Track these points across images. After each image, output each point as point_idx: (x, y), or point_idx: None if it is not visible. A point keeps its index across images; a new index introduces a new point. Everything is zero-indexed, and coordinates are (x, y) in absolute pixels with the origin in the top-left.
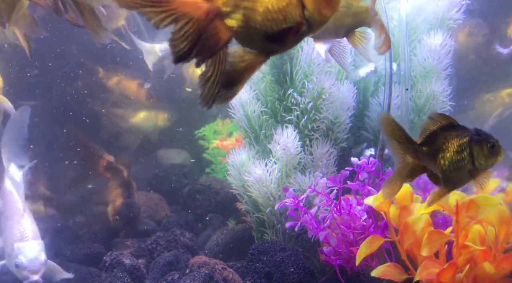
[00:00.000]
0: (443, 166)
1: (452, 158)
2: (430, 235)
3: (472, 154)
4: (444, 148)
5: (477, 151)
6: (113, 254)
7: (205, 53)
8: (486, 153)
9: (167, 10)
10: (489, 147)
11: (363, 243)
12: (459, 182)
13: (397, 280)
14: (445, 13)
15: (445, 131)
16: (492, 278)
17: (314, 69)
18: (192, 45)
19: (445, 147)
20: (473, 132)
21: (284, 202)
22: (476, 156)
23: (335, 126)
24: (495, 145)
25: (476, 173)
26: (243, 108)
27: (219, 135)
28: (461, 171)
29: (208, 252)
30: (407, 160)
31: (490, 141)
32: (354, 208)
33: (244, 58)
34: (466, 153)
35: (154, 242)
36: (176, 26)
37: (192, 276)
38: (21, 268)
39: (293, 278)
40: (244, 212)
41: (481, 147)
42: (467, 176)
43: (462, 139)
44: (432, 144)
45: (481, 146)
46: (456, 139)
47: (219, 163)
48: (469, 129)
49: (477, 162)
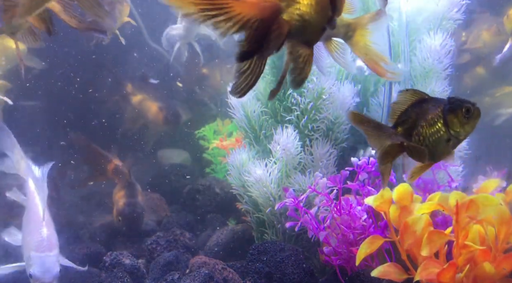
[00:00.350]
0: (420, 142)
1: (427, 132)
2: (430, 235)
3: (447, 123)
4: (417, 124)
5: (451, 119)
6: (113, 254)
7: (271, 50)
8: (462, 119)
9: (233, 17)
10: (464, 112)
11: (363, 243)
12: (440, 154)
13: (397, 280)
14: (445, 13)
15: (417, 107)
16: (492, 278)
17: (314, 69)
18: (259, 44)
19: (418, 123)
20: (446, 101)
21: (284, 202)
22: (451, 125)
23: (335, 126)
24: (470, 109)
25: (457, 141)
26: (243, 108)
27: (219, 135)
28: (439, 143)
29: (208, 252)
30: (385, 145)
31: (465, 106)
32: (354, 208)
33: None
34: (440, 124)
35: (154, 242)
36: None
37: (192, 276)
38: (34, 279)
39: (293, 278)
40: (244, 212)
41: (455, 114)
42: (447, 147)
43: (434, 111)
44: (405, 123)
45: (455, 113)
46: (428, 113)
47: (219, 163)
48: (443, 99)
49: (453, 130)
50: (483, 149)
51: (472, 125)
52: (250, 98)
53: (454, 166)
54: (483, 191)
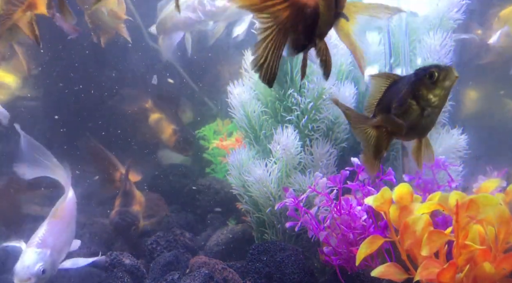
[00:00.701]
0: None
1: (399, 111)
2: (430, 235)
3: (415, 95)
4: (392, 107)
5: (417, 89)
6: (113, 254)
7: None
8: (428, 85)
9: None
10: (427, 78)
11: (363, 243)
12: (424, 129)
13: (397, 280)
14: (445, 13)
15: (389, 91)
16: (492, 278)
17: (314, 69)
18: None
19: (391, 105)
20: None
21: (284, 202)
22: (420, 95)
23: (335, 126)
24: (433, 73)
25: (433, 109)
26: (243, 108)
27: (219, 135)
28: (415, 117)
29: (208, 252)
30: (370, 134)
31: (428, 72)
32: (354, 208)
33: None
34: (410, 99)
35: (154, 242)
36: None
37: (192, 276)
38: (13, 274)
39: (293, 278)
40: (244, 212)
41: (421, 83)
42: (427, 118)
43: (404, 89)
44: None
45: (420, 82)
46: (399, 92)
47: (219, 163)
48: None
49: (423, 100)
50: (483, 149)
51: (442, 87)
52: (250, 98)
53: (454, 166)
54: (483, 191)
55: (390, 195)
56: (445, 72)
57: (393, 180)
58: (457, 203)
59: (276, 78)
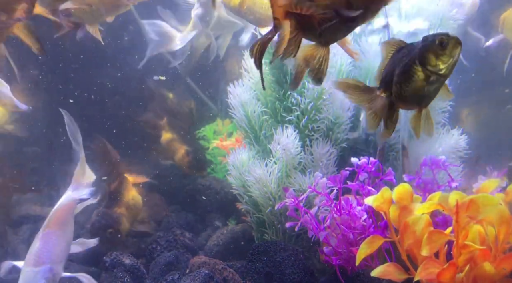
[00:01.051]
0: (400, 90)
1: (402, 78)
2: (430, 235)
3: (422, 61)
4: (395, 74)
5: (425, 55)
6: (113, 254)
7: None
8: (437, 51)
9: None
10: (437, 44)
11: (363, 243)
12: (426, 97)
13: (397, 280)
14: (445, 13)
15: (394, 58)
16: (492, 278)
17: None
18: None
19: (395, 72)
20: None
21: (284, 202)
22: (426, 61)
23: (335, 126)
24: (444, 40)
25: (438, 77)
26: (243, 108)
27: (219, 135)
28: (418, 84)
29: (208, 252)
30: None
31: (438, 38)
32: (354, 208)
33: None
34: (415, 66)
35: (154, 242)
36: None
37: (192, 276)
38: None
39: (293, 278)
40: (244, 212)
41: (429, 49)
42: (431, 88)
43: (409, 55)
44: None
45: (429, 48)
46: (404, 59)
47: (219, 163)
48: (418, 41)
49: (430, 65)
50: (483, 149)
51: (450, 55)
52: (250, 98)
53: (454, 166)
54: (483, 191)
55: (390, 195)
56: (454, 40)
57: (393, 180)
58: (457, 203)
59: (276, 78)
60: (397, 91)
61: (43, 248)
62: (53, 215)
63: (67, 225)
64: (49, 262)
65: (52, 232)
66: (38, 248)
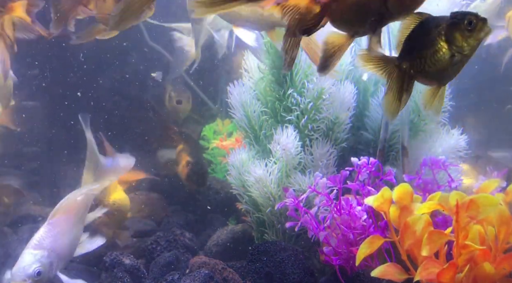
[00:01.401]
0: (422, 65)
1: (427, 53)
2: (430, 235)
3: (449, 39)
4: (419, 47)
5: (452, 34)
6: (113, 254)
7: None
8: (464, 32)
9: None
10: (466, 24)
11: (363, 243)
12: (446, 76)
13: (397, 280)
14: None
15: (418, 30)
16: (492, 278)
17: (314, 69)
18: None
19: (419, 45)
20: (448, 17)
21: (284, 202)
22: (453, 40)
23: (335, 126)
24: (472, 20)
25: (462, 57)
26: (243, 108)
27: (219, 135)
28: (442, 62)
29: (208, 252)
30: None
31: (467, 18)
32: (354, 208)
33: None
34: (441, 42)
35: (154, 242)
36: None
37: (192, 276)
38: (11, 276)
39: (293, 278)
40: (244, 212)
41: (457, 28)
42: (453, 66)
43: (435, 30)
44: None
45: (457, 27)
46: (429, 33)
47: (219, 163)
48: (445, 16)
49: (455, 45)
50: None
51: (476, 38)
52: (250, 98)
53: (454, 166)
54: (483, 191)
55: (390, 195)
56: (482, 23)
57: (393, 180)
58: (457, 203)
59: (276, 78)
60: (420, 65)
61: (46, 235)
62: (61, 207)
63: (76, 223)
64: (48, 249)
65: (59, 222)
66: (41, 234)
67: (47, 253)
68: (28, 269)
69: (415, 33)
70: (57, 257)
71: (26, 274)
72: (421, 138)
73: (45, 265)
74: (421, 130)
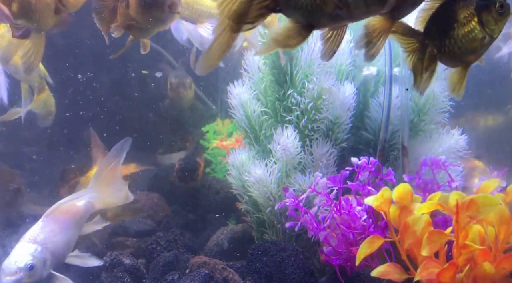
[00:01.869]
0: (453, 45)
1: (459, 33)
2: (430, 235)
3: (482, 20)
4: (449, 27)
5: (486, 16)
6: (113, 254)
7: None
8: (496, 15)
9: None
10: (497, 7)
11: (363, 243)
12: (475, 55)
13: (397, 280)
14: None
15: (445, 10)
16: (492, 278)
17: (314, 69)
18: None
19: (450, 25)
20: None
21: (284, 202)
22: (486, 22)
23: (335, 126)
24: (503, 4)
25: (490, 40)
26: (243, 108)
27: (219, 135)
28: (474, 43)
29: (208, 252)
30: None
31: (498, 1)
32: (354, 208)
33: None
34: (474, 23)
35: (154, 242)
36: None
37: (192, 276)
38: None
39: (293, 278)
40: (244, 212)
41: (490, 11)
42: (481, 49)
43: (466, 11)
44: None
45: (489, 10)
46: (459, 13)
47: (219, 163)
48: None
49: (488, 28)
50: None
51: (504, 22)
52: (250, 98)
53: (454, 166)
54: (483, 191)
55: (390, 195)
56: (509, 8)
57: (393, 180)
58: (457, 203)
59: (276, 78)
60: (449, 45)
61: (40, 231)
62: (58, 208)
63: (72, 226)
64: (42, 244)
65: (54, 221)
66: (35, 230)
67: (41, 249)
68: (20, 262)
69: (442, 12)
70: (50, 254)
71: (17, 267)
72: (421, 138)
73: (37, 260)
74: (421, 130)
